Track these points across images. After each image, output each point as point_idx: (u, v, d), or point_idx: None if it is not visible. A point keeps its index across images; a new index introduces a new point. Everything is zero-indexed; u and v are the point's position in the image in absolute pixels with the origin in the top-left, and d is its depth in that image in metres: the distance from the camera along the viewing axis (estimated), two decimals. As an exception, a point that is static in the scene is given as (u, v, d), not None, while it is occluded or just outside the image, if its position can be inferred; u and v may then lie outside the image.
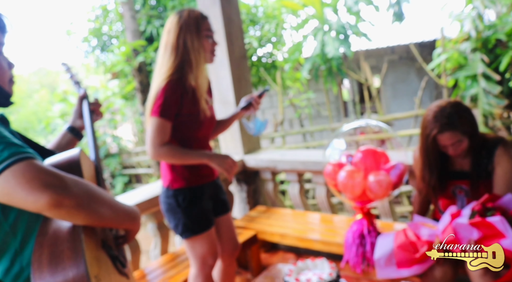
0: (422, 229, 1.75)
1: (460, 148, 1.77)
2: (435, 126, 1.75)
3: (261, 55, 7.01)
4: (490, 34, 4.21)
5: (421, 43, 8.63)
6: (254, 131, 1.98)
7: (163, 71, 1.73)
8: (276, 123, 6.72)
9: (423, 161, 1.89)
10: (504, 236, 1.43)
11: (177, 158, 1.75)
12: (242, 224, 2.92)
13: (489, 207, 1.55)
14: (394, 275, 1.78)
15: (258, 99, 1.95)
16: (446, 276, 1.70)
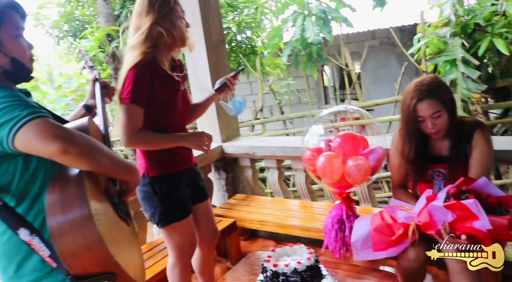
0: (398, 212, 1.75)
1: (439, 122, 1.75)
2: (416, 95, 1.74)
3: (240, 40, 6.90)
4: (469, 19, 4.21)
5: (401, 28, 8.65)
6: (234, 111, 1.93)
7: (133, 55, 1.64)
8: (256, 110, 6.67)
9: (404, 134, 1.88)
10: (477, 218, 1.43)
11: (151, 144, 1.69)
12: (221, 212, 2.88)
13: (463, 190, 1.55)
14: (370, 257, 1.79)
15: (233, 79, 1.88)
16: (420, 257, 1.70)
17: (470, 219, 1.45)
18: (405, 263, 1.75)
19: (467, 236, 1.48)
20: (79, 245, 0.98)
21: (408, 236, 1.67)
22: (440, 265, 2.30)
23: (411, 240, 1.68)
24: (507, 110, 4.87)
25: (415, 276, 1.81)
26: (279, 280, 1.54)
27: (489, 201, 1.50)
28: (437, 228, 1.55)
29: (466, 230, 1.47)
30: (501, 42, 3.87)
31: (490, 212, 1.48)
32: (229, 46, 6.82)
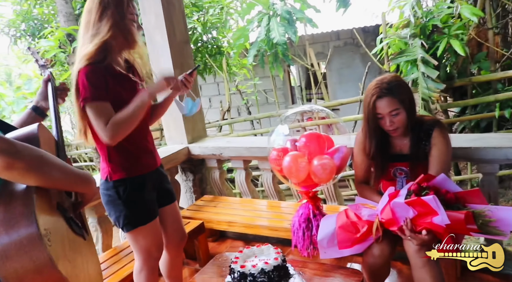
0: (362, 210, 1.79)
1: (397, 120, 1.80)
2: (375, 92, 1.79)
3: (206, 40, 6.85)
4: (427, 21, 4.35)
5: (364, 29, 8.84)
6: (186, 111, 1.90)
7: (83, 54, 1.59)
8: (223, 111, 6.65)
9: (365, 131, 1.93)
10: (437, 213, 1.48)
11: (129, 120, 1.60)
12: (188, 214, 2.85)
13: (424, 186, 1.60)
14: (336, 255, 1.82)
15: (188, 77, 1.84)
16: (384, 253, 1.74)
17: (430, 215, 1.50)
18: (370, 260, 1.79)
19: (428, 231, 1.53)
20: (27, 269, 0.89)
21: (372, 233, 1.71)
22: (404, 260, 2.36)
23: (375, 237, 1.71)
24: (464, 108, 5.07)
25: (380, 272, 1.86)
26: (246, 281, 1.54)
27: (447, 197, 1.55)
28: (399, 224, 1.59)
29: (426, 226, 1.52)
30: (457, 43, 4.02)
31: (448, 208, 1.53)
32: (195, 46, 6.76)
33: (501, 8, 4.95)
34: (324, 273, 1.73)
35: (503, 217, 1.52)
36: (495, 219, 1.50)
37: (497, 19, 4.97)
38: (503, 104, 4.46)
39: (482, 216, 1.50)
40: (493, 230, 1.50)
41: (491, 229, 1.50)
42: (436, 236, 1.55)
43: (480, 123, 5.01)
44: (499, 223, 1.50)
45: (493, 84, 4.67)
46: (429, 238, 1.54)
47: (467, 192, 1.62)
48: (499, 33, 5.10)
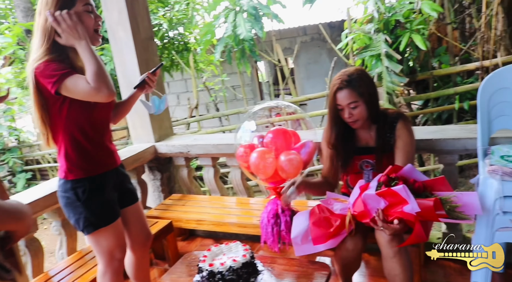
0: (334, 204, 1.80)
1: (355, 113, 1.84)
2: (337, 83, 1.84)
3: (173, 37, 6.74)
4: (390, 16, 4.45)
5: (330, 24, 8.94)
6: (154, 109, 1.86)
7: (35, 56, 1.53)
8: (191, 108, 6.58)
9: (328, 121, 1.97)
10: (407, 202, 1.51)
11: (93, 62, 1.49)
12: (157, 213, 2.81)
13: (393, 177, 1.62)
14: (311, 251, 1.82)
15: (152, 75, 1.81)
16: (357, 247, 1.77)
17: (401, 204, 1.53)
18: (343, 253, 1.81)
19: (399, 220, 1.55)
20: None
21: (345, 227, 1.72)
22: (371, 252, 2.42)
23: (348, 230, 1.73)
24: (427, 101, 5.22)
25: (352, 264, 1.89)
26: (215, 279, 1.53)
27: (415, 186, 1.58)
28: (371, 216, 1.60)
29: (398, 215, 1.54)
30: (418, 38, 4.13)
31: (417, 196, 1.56)
32: (161, 42, 6.64)
33: (458, 3, 5.12)
34: (293, 268, 1.75)
35: (468, 202, 1.57)
36: (460, 204, 1.55)
37: (455, 14, 5.13)
38: (462, 97, 4.62)
39: (449, 202, 1.55)
40: (460, 215, 1.54)
41: (458, 214, 1.54)
42: (407, 225, 1.58)
43: (442, 115, 5.17)
44: (464, 208, 1.55)
45: (452, 78, 4.83)
46: (401, 227, 1.56)
47: (433, 180, 1.66)
48: (457, 28, 5.27)
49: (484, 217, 1.71)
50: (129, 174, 2.91)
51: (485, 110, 1.91)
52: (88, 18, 1.57)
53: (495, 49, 4.37)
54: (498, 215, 1.67)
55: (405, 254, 1.67)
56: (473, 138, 2.07)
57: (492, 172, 1.69)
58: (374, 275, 2.32)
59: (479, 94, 1.90)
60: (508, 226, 1.68)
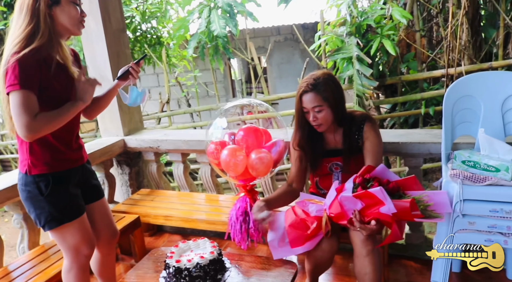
0: (309, 206, 1.79)
1: (320, 117, 1.86)
2: (303, 86, 1.86)
3: (145, 30, 6.63)
4: (362, 20, 4.54)
5: (304, 25, 9.03)
6: (129, 101, 1.82)
7: (15, 38, 1.48)
8: (162, 103, 6.50)
9: (295, 122, 1.98)
10: (383, 204, 1.53)
11: (55, 121, 1.51)
12: (124, 208, 2.77)
13: (367, 178, 1.65)
14: (289, 254, 1.80)
15: (136, 66, 1.77)
16: (332, 248, 1.78)
17: (377, 205, 1.55)
18: (318, 254, 1.80)
19: (376, 221, 1.59)
20: None
21: (322, 228, 1.74)
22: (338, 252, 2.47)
23: (324, 232, 1.74)
24: (395, 105, 5.36)
25: (324, 265, 1.89)
26: (182, 276, 1.52)
27: (389, 186, 1.61)
28: (348, 217, 1.62)
29: (374, 216, 1.57)
30: (388, 43, 4.24)
31: (391, 196, 1.59)
32: (133, 35, 6.52)
33: (427, 12, 5.29)
34: (260, 266, 1.76)
35: (438, 200, 1.62)
36: (432, 203, 1.60)
37: (424, 22, 5.30)
38: (428, 102, 4.78)
39: (422, 202, 1.59)
40: (432, 213, 1.59)
41: (430, 213, 1.59)
42: (384, 225, 1.62)
43: (409, 119, 5.33)
44: (436, 206, 1.60)
45: (420, 83, 4.99)
46: (377, 228, 1.60)
47: (405, 179, 1.69)
48: (425, 36, 5.45)
49: (445, 219, 1.78)
50: (97, 167, 2.87)
51: (449, 116, 1.98)
52: (74, 9, 1.56)
53: (460, 58, 4.54)
54: (458, 218, 1.74)
55: (377, 254, 1.71)
56: (437, 143, 2.15)
57: (454, 176, 1.76)
58: (339, 273, 2.37)
59: (444, 100, 1.97)
60: (467, 228, 1.76)
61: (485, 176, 1.73)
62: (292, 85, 9.13)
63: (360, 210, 1.59)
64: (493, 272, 2.21)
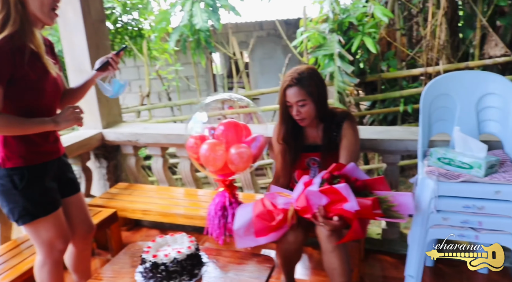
0: (278, 198, 1.83)
1: (303, 111, 1.87)
2: (287, 80, 1.87)
3: (126, 22, 6.53)
4: (344, 17, 4.58)
5: (286, 21, 9.03)
6: (112, 92, 1.78)
7: None
8: (143, 96, 6.42)
9: (279, 116, 1.99)
10: (347, 200, 1.56)
11: (15, 128, 1.49)
12: (101, 202, 2.73)
13: (335, 175, 1.67)
14: (253, 244, 1.84)
15: (116, 57, 1.73)
16: (298, 239, 1.81)
17: (341, 202, 1.57)
18: (284, 246, 1.85)
19: (339, 217, 1.61)
20: None
21: (288, 221, 1.76)
22: (314, 246, 2.49)
23: (289, 224, 1.77)
24: (374, 102, 5.43)
25: (293, 257, 1.93)
26: (158, 271, 1.51)
27: (356, 184, 1.64)
28: (313, 212, 1.65)
29: (338, 212, 1.60)
30: (370, 41, 4.28)
31: (357, 194, 1.62)
32: (114, 26, 6.42)
33: (407, 11, 5.36)
34: (238, 261, 1.76)
35: (403, 202, 1.65)
36: (396, 204, 1.63)
37: (404, 21, 5.37)
38: (407, 100, 4.86)
39: (386, 202, 1.62)
40: (395, 214, 1.62)
41: (393, 213, 1.62)
42: (347, 222, 1.64)
43: (388, 117, 5.41)
44: (400, 207, 1.64)
45: (399, 81, 5.06)
46: (340, 224, 1.62)
47: (373, 179, 1.73)
48: (406, 35, 5.52)
49: (419, 215, 1.82)
50: (74, 160, 2.82)
51: (427, 114, 2.02)
52: None
53: (438, 57, 4.62)
54: (432, 214, 1.78)
55: (343, 249, 1.74)
56: (415, 140, 2.19)
57: (429, 172, 1.79)
58: (316, 268, 2.40)
59: (422, 98, 2.00)
60: (441, 223, 1.79)
61: (459, 173, 1.77)
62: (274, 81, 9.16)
63: (324, 205, 1.61)
64: (464, 266, 2.29)
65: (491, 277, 2.18)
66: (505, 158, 1.89)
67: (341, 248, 1.73)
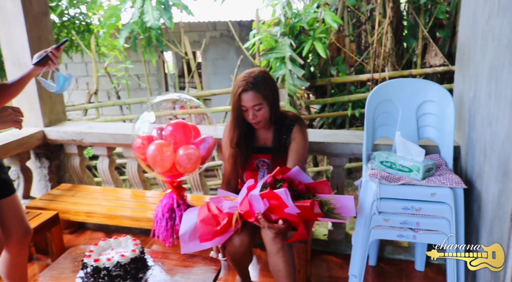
0: (223, 202, 1.82)
1: (260, 114, 1.89)
2: (241, 85, 1.85)
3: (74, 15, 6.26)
4: (296, 22, 4.66)
5: (240, 23, 9.05)
6: (57, 88, 1.70)
7: None
8: (90, 93, 6.19)
9: (231, 120, 1.98)
10: (287, 206, 1.58)
11: None
12: (41, 204, 2.60)
13: (279, 178, 1.70)
14: (197, 248, 1.82)
15: (56, 51, 1.65)
16: (243, 243, 1.82)
17: (283, 206, 1.60)
18: (231, 250, 1.85)
19: (283, 220, 1.63)
20: None
21: (232, 225, 1.76)
22: (262, 247, 2.51)
23: (234, 229, 1.77)
24: (324, 106, 5.57)
25: (241, 260, 1.93)
26: (100, 276, 1.46)
27: (299, 188, 1.68)
28: (256, 216, 1.66)
29: (281, 215, 1.62)
30: (320, 45, 4.38)
31: (300, 197, 1.66)
32: (59, 20, 6.14)
33: (356, 19, 5.55)
34: (184, 263, 1.74)
35: (344, 204, 1.71)
36: (338, 206, 1.68)
37: (353, 28, 5.55)
38: (355, 104, 5.02)
39: (328, 204, 1.67)
40: (336, 215, 1.68)
41: (335, 215, 1.68)
42: (291, 224, 1.67)
43: (337, 120, 5.56)
44: (341, 209, 1.69)
45: (347, 86, 5.22)
46: (285, 227, 1.65)
47: (316, 183, 1.78)
48: (354, 41, 5.71)
49: (363, 216, 1.88)
50: (11, 160, 2.67)
51: (371, 118, 2.09)
52: None
53: (384, 64, 4.82)
54: (375, 215, 1.85)
55: (288, 251, 1.77)
56: (360, 144, 2.26)
57: (372, 175, 1.86)
58: (264, 269, 2.41)
59: (367, 104, 2.08)
60: (382, 224, 1.87)
61: (400, 176, 1.85)
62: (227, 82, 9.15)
63: (267, 209, 1.62)
64: (404, 264, 2.40)
65: (428, 275, 2.30)
66: (441, 162, 2.00)
67: (286, 250, 1.75)
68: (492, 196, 1.67)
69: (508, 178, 1.50)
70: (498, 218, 1.61)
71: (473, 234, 1.92)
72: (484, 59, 1.80)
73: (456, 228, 1.80)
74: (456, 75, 2.35)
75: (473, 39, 2.01)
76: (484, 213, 1.78)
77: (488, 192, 1.72)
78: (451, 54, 4.94)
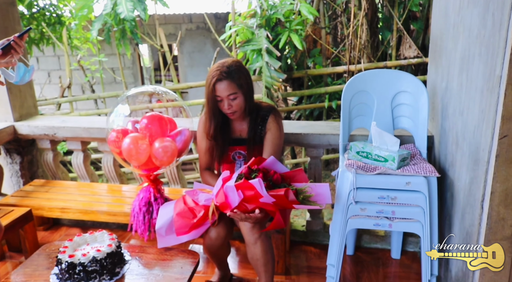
0: (199, 195, 1.82)
1: (235, 104, 1.87)
2: (216, 75, 1.83)
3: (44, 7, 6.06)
4: (272, 13, 4.64)
5: (216, 15, 8.97)
6: (16, 78, 1.63)
7: None
8: (63, 87, 6.04)
9: (206, 112, 1.96)
10: (262, 196, 1.59)
11: None
12: (13, 200, 2.53)
13: (254, 169, 1.70)
14: (174, 242, 1.81)
15: (19, 40, 1.58)
16: (220, 235, 1.82)
17: (258, 197, 1.60)
18: (208, 242, 1.85)
19: (260, 209, 1.64)
20: None
21: (209, 217, 1.76)
22: (241, 239, 2.52)
23: (211, 221, 1.76)
24: (301, 98, 5.58)
25: (218, 252, 1.94)
26: (76, 272, 1.43)
27: (274, 177, 1.69)
28: (231, 207, 1.66)
29: (258, 205, 1.63)
30: (296, 37, 4.39)
31: (275, 187, 1.66)
32: (28, 11, 5.93)
33: (332, 11, 5.57)
34: (162, 257, 1.73)
35: (320, 192, 1.73)
36: (313, 194, 1.70)
37: (329, 20, 5.58)
38: (332, 96, 5.06)
39: (303, 192, 1.69)
40: (312, 203, 1.69)
41: (311, 202, 1.69)
42: (268, 214, 1.67)
43: (314, 112, 5.59)
44: (317, 197, 1.71)
45: (324, 78, 5.25)
46: (262, 216, 1.65)
47: (292, 172, 1.78)
48: (330, 33, 5.74)
49: (340, 206, 1.90)
50: (-20, 156, 2.58)
51: (347, 109, 2.11)
52: None
53: (360, 56, 4.87)
54: (351, 205, 1.87)
55: (266, 240, 1.78)
56: (337, 135, 2.28)
57: (349, 166, 1.88)
58: (244, 261, 2.42)
59: (343, 95, 2.10)
60: (359, 214, 1.89)
61: (376, 166, 1.88)
62: (203, 74, 9.06)
63: (243, 199, 1.62)
64: (380, 253, 2.45)
65: (403, 262, 2.36)
66: (415, 152, 2.04)
67: (264, 240, 1.76)
68: (464, 184, 1.72)
69: (479, 166, 1.54)
70: (470, 205, 1.65)
71: (446, 221, 1.98)
72: (456, 50, 1.84)
73: (430, 216, 1.84)
74: (429, 66, 2.39)
75: (445, 30, 2.05)
76: (456, 201, 1.83)
77: (460, 180, 1.77)
78: (424, 46, 5.03)
